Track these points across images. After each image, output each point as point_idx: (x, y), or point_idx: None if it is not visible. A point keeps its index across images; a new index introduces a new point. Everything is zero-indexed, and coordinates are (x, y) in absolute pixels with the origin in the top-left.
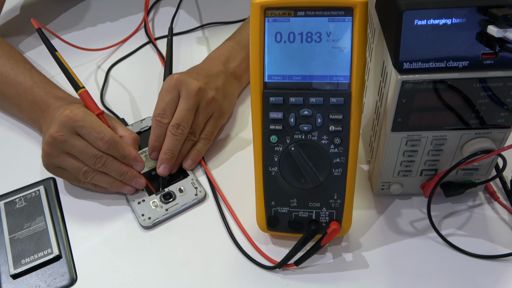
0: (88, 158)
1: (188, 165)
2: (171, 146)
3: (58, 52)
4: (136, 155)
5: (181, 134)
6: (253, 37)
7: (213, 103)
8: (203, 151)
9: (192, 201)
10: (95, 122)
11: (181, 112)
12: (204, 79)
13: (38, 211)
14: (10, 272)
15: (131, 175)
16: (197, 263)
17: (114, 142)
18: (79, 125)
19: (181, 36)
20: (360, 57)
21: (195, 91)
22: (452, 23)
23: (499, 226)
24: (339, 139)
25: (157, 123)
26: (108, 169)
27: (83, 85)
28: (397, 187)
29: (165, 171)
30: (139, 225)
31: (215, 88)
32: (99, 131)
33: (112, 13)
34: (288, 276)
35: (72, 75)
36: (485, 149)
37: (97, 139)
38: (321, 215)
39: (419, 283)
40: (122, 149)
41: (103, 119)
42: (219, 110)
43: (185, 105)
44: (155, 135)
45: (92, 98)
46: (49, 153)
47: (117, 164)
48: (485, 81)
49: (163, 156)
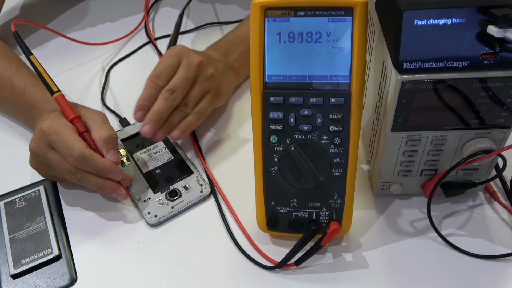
0: (65, 173)
1: (175, 136)
2: (160, 109)
3: (33, 56)
4: (110, 165)
5: (173, 100)
6: (253, 37)
7: (212, 79)
8: (193, 125)
9: (197, 198)
10: (65, 136)
11: (178, 79)
12: (206, 57)
13: (38, 211)
14: (10, 272)
15: (110, 188)
16: (197, 263)
17: (83, 158)
18: (51, 139)
19: (181, 36)
20: (360, 57)
21: (196, 63)
22: (452, 23)
23: (499, 226)
24: (339, 139)
25: (151, 84)
26: (86, 184)
27: (58, 89)
28: (397, 187)
29: (149, 131)
30: (139, 225)
31: (216, 68)
32: (67, 146)
33: (112, 13)
34: (288, 276)
35: (47, 79)
36: (485, 149)
37: (67, 155)
38: (321, 215)
39: (419, 283)
40: (93, 163)
41: (78, 124)
42: (216, 88)
43: (183, 73)
44: (146, 95)
45: (67, 102)
46: (35, 166)
47: (93, 179)
48: (485, 81)
49: (150, 116)
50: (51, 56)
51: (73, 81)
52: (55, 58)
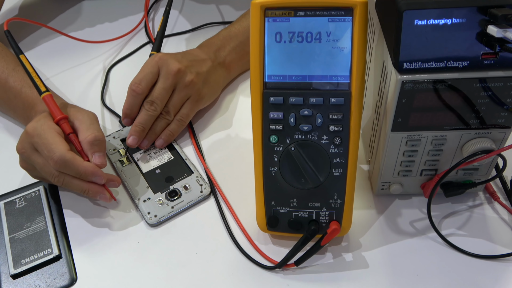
0: (48, 176)
1: (159, 144)
2: (142, 120)
3: (23, 55)
4: (93, 169)
5: (153, 111)
6: (253, 37)
7: (191, 86)
8: (176, 132)
9: (197, 198)
10: (47, 139)
11: (157, 90)
12: (187, 62)
13: (38, 211)
14: (10, 272)
15: (93, 192)
16: (197, 263)
17: (64, 161)
18: (34, 141)
19: (181, 36)
20: (360, 57)
21: (173, 71)
22: (452, 23)
23: (499, 226)
24: (339, 139)
25: (130, 92)
26: (69, 187)
27: (46, 89)
28: (397, 187)
29: (133, 142)
30: (139, 225)
31: (196, 72)
32: (49, 149)
33: (112, 14)
34: (288, 276)
35: (35, 79)
36: (485, 149)
37: (48, 159)
38: (321, 215)
39: (419, 283)
40: (74, 167)
41: (65, 125)
42: (196, 94)
43: (162, 84)
44: (128, 104)
45: (55, 103)
46: (24, 167)
47: (76, 182)
48: (485, 81)
49: (134, 128)
50: (51, 56)
51: (73, 81)
52: (55, 58)
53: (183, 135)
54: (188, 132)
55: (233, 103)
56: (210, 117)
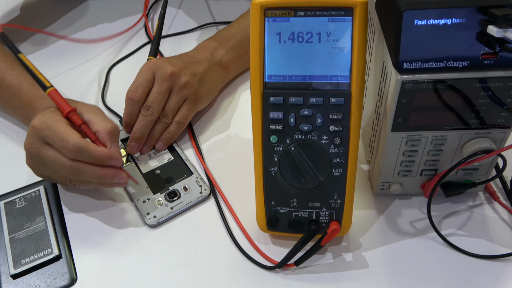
0: (60, 169)
1: (159, 147)
2: (140, 126)
3: (22, 54)
4: (109, 153)
5: (150, 116)
6: (253, 37)
7: (187, 87)
8: (176, 135)
9: (197, 199)
10: (59, 129)
11: (153, 95)
12: (182, 64)
13: (38, 211)
14: (10, 272)
15: (110, 176)
16: (197, 263)
17: (79, 148)
18: (44, 134)
19: (181, 36)
20: (360, 57)
21: (168, 75)
22: (452, 23)
23: (499, 226)
24: (339, 139)
25: (128, 100)
26: (85, 178)
27: (50, 84)
28: (397, 187)
29: (133, 149)
30: (139, 225)
31: (191, 73)
32: (62, 139)
33: (112, 14)
34: (288, 276)
35: (38, 76)
36: (485, 149)
37: (62, 148)
38: (321, 215)
39: (419, 283)
40: (90, 153)
41: (75, 117)
42: (193, 95)
43: (157, 88)
44: (127, 112)
45: (61, 96)
46: (31, 164)
47: (91, 170)
48: (485, 81)
49: (132, 134)
50: (52, 56)
51: (73, 81)
52: (55, 58)
53: (183, 137)
54: (188, 133)
55: (232, 104)
56: (210, 118)
